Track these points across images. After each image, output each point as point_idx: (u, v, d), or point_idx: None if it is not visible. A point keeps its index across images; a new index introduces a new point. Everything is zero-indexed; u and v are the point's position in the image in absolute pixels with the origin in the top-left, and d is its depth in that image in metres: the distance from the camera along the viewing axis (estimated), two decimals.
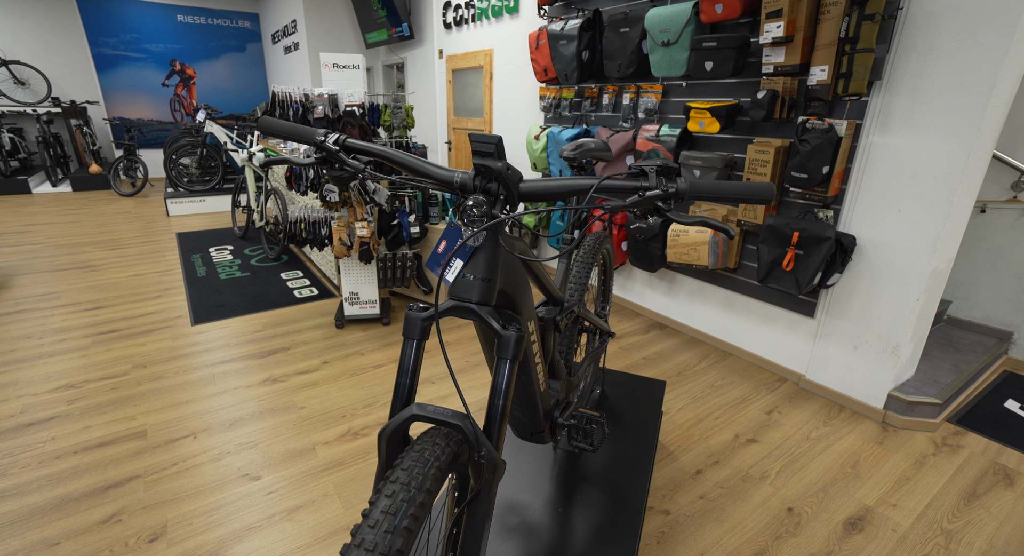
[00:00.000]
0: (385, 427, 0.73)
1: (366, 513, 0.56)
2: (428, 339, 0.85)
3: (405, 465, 0.61)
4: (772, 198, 0.72)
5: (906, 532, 1.65)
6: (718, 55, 2.17)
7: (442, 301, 1.11)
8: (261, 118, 0.94)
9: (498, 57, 4.05)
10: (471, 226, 0.70)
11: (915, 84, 1.85)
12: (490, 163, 0.70)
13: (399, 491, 0.57)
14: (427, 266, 0.82)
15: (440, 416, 0.70)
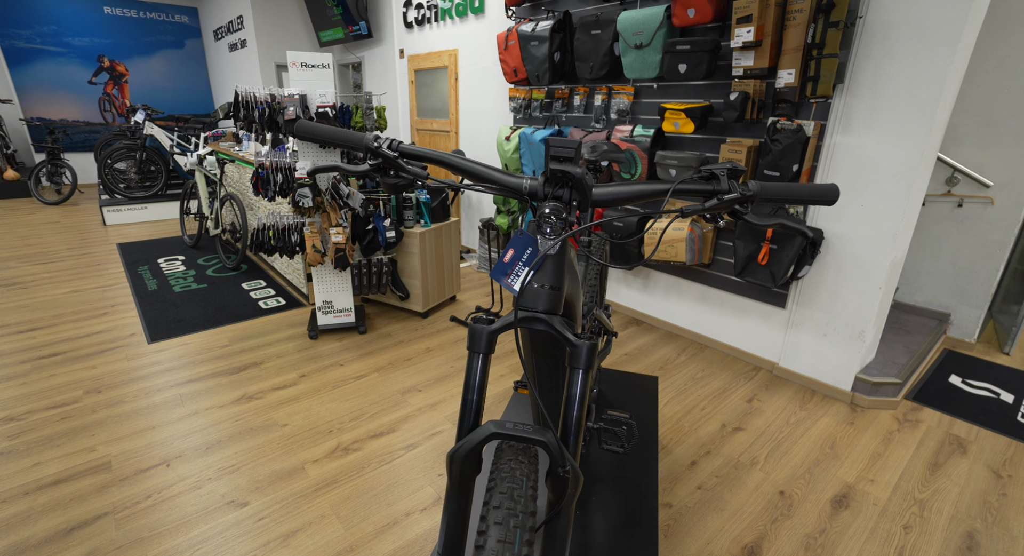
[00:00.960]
0: (458, 447, 0.68)
1: (480, 544, 0.53)
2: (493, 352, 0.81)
3: (503, 488, 0.58)
4: (837, 198, 0.74)
5: (885, 505, 1.76)
6: (692, 58, 2.25)
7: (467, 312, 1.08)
8: (298, 123, 0.88)
9: (464, 57, 4.00)
10: (549, 234, 0.68)
11: (873, 88, 1.98)
12: (570, 169, 0.68)
13: (507, 518, 0.54)
14: (492, 276, 0.78)
15: (523, 432, 0.67)
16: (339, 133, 0.85)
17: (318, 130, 0.86)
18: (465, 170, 0.79)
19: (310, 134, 0.85)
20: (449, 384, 2.46)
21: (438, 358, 2.71)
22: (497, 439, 0.66)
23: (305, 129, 0.87)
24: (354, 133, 0.86)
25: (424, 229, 2.95)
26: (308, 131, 0.87)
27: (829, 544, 1.59)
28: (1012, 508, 1.77)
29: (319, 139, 0.85)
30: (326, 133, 0.85)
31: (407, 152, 0.82)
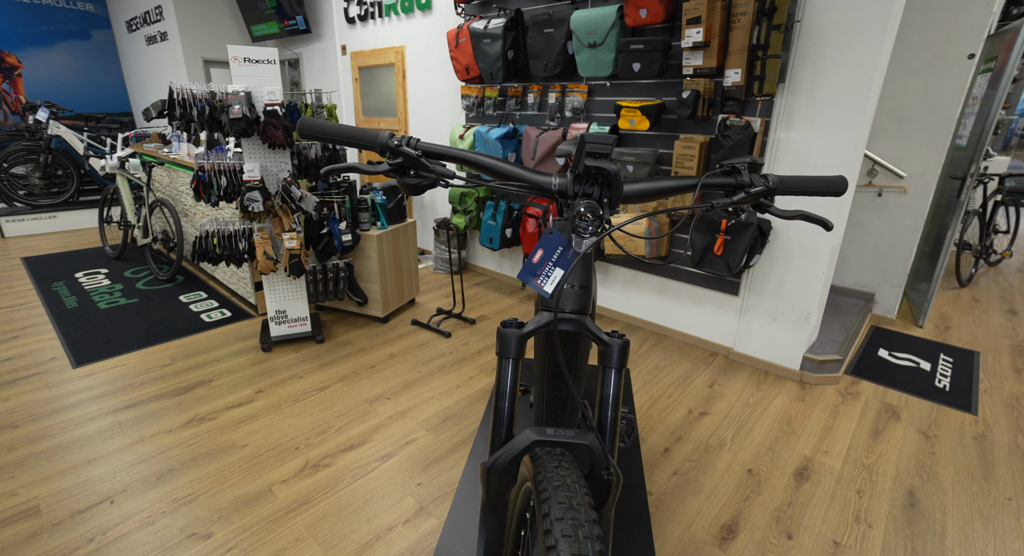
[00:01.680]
0: (495, 459, 0.65)
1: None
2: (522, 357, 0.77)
3: (560, 498, 0.55)
4: (846, 189, 0.77)
5: (839, 473, 1.91)
6: (645, 57, 2.31)
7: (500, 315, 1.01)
8: (303, 120, 0.81)
9: (411, 54, 3.91)
10: (583, 233, 0.66)
11: (811, 87, 2.13)
12: (606, 165, 0.67)
13: (575, 529, 0.52)
14: (520, 278, 0.75)
15: (566, 438, 0.65)
16: (350, 131, 0.79)
17: (326, 128, 0.80)
18: (491, 168, 0.76)
19: (317, 132, 0.79)
20: (418, 390, 2.40)
21: (403, 363, 2.63)
22: (539, 447, 0.64)
23: (311, 127, 0.80)
24: (367, 130, 0.81)
25: (381, 231, 2.86)
26: (314, 129, 0.80)
27: (796, 515, 1.70)
28: (940, 464, 1.97)
29: (328, 138, 0.79)
30: (335, 131, 0.79)
31: (429, 150, 0.78)
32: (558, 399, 0.95)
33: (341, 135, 0.79)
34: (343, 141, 0.80)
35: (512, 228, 3.35)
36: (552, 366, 0.89)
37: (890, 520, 1.69)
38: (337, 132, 0.79)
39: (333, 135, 0.79)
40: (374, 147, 0.79)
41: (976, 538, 1.63)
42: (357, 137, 0.79)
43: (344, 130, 0.79)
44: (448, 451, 1.97)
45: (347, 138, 0.79)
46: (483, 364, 2.64)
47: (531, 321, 0.73)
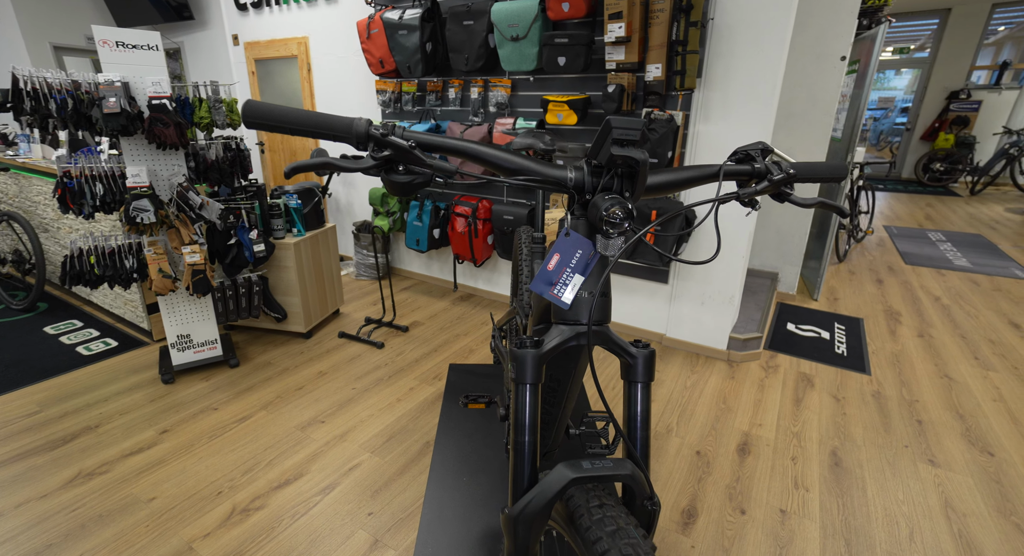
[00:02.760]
0: (525, 505, 0.55)
1: None
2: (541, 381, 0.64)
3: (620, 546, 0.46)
4: (846, 175, 0.76)
5: (774, 443, 2.04)
6: (571, 51, 2.31)
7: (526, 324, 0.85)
8: (249, 103, 0.64)
9: (316, 46, 3.61)
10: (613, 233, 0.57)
11: (724, 82, 2.25)
12: (635, 154, 0.58)
13: None
14: (532, 289, 0.64)
15: (605, 470, 0.56)
16: (315, 118, 0.64)
17: (282, 114, 0.64)
18: (496, 161, 0.65)
19: (269, 120, 0.64)
20: (355, 409, 2.21)
21: (335, 381, 2.42)
22: (576, 485, 0.56)
23: (260, 113, 0.64)
24: (338, 117, 0.66)
25: (298, 239, 2.60)
26: (265, 116, 0.64)
27: (745, 490, 1.79)
28: (851, 423, 2.19)
29: (283, 126, 0.64)
30: (293, 118, 0.64)
31: (422, 141, 0.66)
32: (550, 416, 0.88)
33: (302, 123, 0.64)
34: (305, 130, 0.65)
35: (440, 228, 3.22)
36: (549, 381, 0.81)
37: (822, 482, 1.84)
38: (297, 119, 0.64)
39: (291, 123, 0.64)
40: (348, 137, 0.65)
41: (888, 485, 1.82)
42: (325, 125, 0.65)
43: (306, 116, 0.65)
44: (398, 472, 1.82)
45: (311, 126, 0.65)
46: (423, 374, 2.50)
47: (549, 337, 0.63)
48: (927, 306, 3.53)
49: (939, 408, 2.30)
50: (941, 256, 4.84)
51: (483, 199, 3.02)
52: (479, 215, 2.99)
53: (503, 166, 0.65)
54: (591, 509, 0.52)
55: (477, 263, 3.14)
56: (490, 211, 3.01)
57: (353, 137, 0.65)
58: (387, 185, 0.67)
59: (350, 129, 0.64)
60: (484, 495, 1.35)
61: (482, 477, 1.42)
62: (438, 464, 1.47)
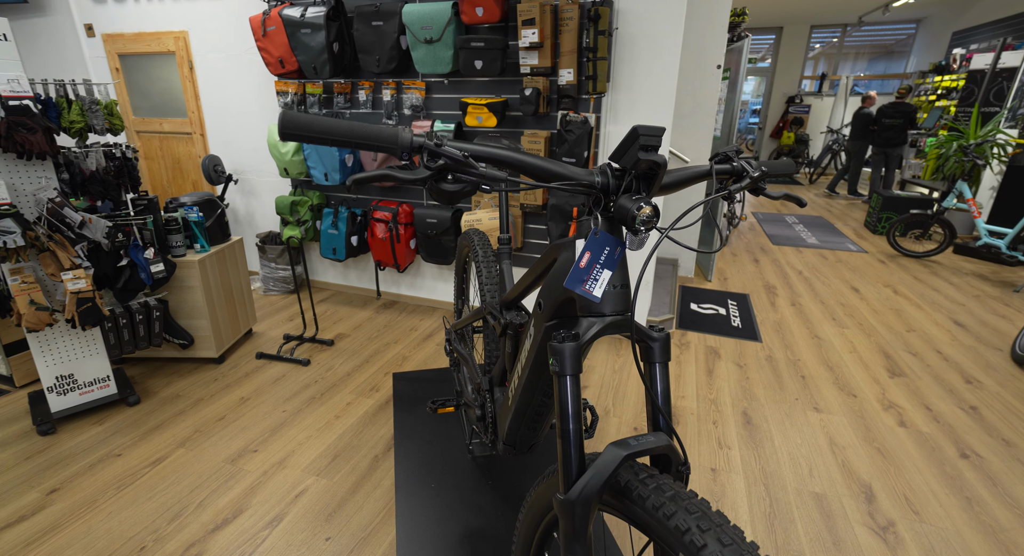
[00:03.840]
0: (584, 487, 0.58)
1: None
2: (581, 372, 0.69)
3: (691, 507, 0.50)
4: (796, 171, 0.88)
5: (697, 412, 2.28)
6: (487, 55, 2.35)
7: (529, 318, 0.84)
8: (287, 114, 0.57)
9: (199, 42, 3.26)
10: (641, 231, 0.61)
11: (630, 86, 2.45)
12: (657, 158, 0.62)
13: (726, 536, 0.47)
14: (567, 285, 0.66)
15: (651, 444, 0.61)
16: (360, 129, 0.61)
17: (323, 126, 0.60)
18: (532, 168, 0.67)
19: (310, 131, 0.60)
20: (290, 432, 2.06)
21: (261, 406, 2.23)
22: (631, 459, 0.60)
23: (300, 125, 0.59)
24: (384, 127, 0.63)
25: (202, 255, 2.35)
26: (306, 127, 0.59)
27: None
28: (754, 385, 2.52)
29: (326, 138, 0.61)
30: (335, 130, 0.60)
31: (472, 152, 0.66)
32: (545, 407, 0.91)
33: (345, 134, 0.62)
34: (348, 141, 0.62)
35: (358, 235, 3.10)
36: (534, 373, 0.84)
37: (739, 439, 2.10)
38: (339, 130, 0.62)
39: (334, 134, 0.62)
40: (393, 148, 0.63)
41: (788, 434, 2.14)
42: (370, 135, 0.63)
43: (348, 127, 0.62)
44: (350, 491, 1.75)
45: (354, 136, 0.62)
46: (358, 387, 2.40)
47: (583, 329, 0.67)
48: (794, 279, 4.14)
49: (815, 363, 2.73)
50: (797, 236, 5.69)
51: (403, 203, 2.96)
52: (400, 220, 2.93)
53: (539, 172, 0.68)
54: (643, 481, 0.57)
55: (400, 269, 3.07)
56: (411, 215, 2.97)
57: (399, 147, 0.63)
58: (435, 194, 0.67)
59: (396, 140, 0.63)
60: (456, 498, 1.35)
61: (451, 480, 1.43)
62: (403, 475, 1.44)
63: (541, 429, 0.99)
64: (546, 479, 0.73)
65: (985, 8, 8.93)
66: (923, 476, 1.90)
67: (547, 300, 0.75)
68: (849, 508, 1.74)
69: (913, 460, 1.98)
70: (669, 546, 0.49)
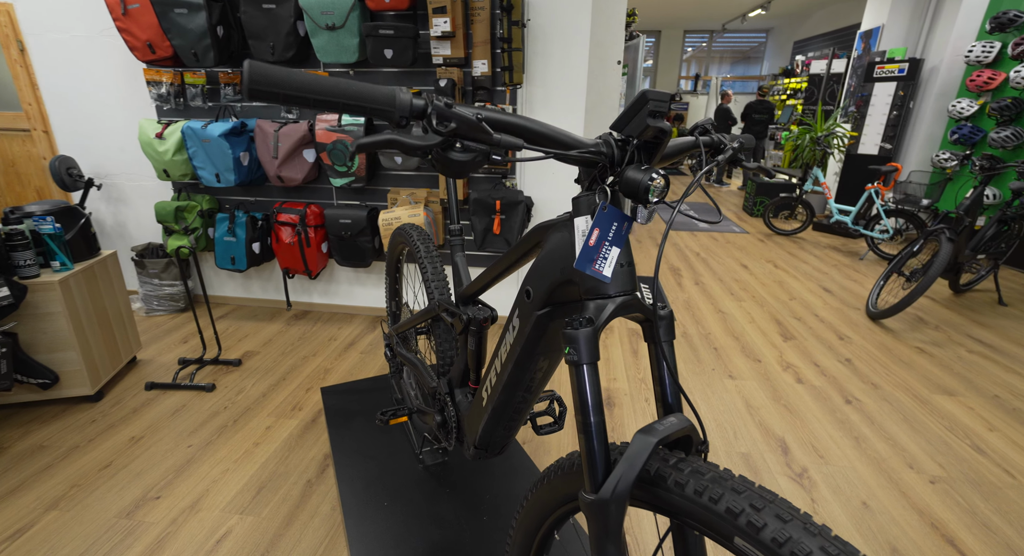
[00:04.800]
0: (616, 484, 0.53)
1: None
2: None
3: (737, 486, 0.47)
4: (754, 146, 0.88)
5: (630, 392, 2.38)
6: (398, 44, 2.23)
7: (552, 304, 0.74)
8: (254, 65, 0.42)
9: (29, 18, 2.71)
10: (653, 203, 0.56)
11: (543, 78, 2.48)
12: (663, 125, 0.57)
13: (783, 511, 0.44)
14: (578, 267, 0.59)
15: (677, 427, 0.57)
16: (344, 87, 0.50)
17: (301, 82, 0.47)
18: (543, 137, 0.59)
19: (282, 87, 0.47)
20: (201, 469, 1.80)
21: (159, 444, 1.93)
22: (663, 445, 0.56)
23: (270, 79, 0.46)
24: (379, 87, 0.52)
25: (64, 274, 1.96)
26: (279, 83, 0.46)
27: (622, 435, 2.05)
28: (676, 361, 2.69)
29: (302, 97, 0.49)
30: (318, 87, 0.48)
31: (485, 117, 0.57)
32: (525, 404, 0.86)
33: (330, 93, 0.50)
34: (332, 101, 0.50)
35: (261, 242, 2.80)
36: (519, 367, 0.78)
37: None
38: (322, 89, 0.50)
39: (315, 92, 0.50)
40: (390, 111, 0.53)
41: (711, 402, 2.31)
42: (362, 96, 0.52)
43: (334, 85, 0.51)
44: (283, 524, 1.57)
45: (342, 96, 0.51)
46: (277, 408, 2.17)
47: (595, 313, 0.61)
48: (693, 261, 4.51)
49: (723, 335, 2.99)
50: (690, 221, 6.22)
51: (311, 204, 2.73)
52: (309, 222, 2.69)
53: (551, 142, 0.61)
54: (676, 466, 0.54)
55: (313, 275, 2.83)
56: (322, 216, 2.75)
57: (396, 111, 0.53)
58: (442, 165, 0.58)
59: (393, 101, 0.53)
60: (413, 513, 1.26)
61: (404, 495, 1.33)
62: (349, 497, 1.31)
63: (517, 428, 0.95)
64: (548, 480, 0.69)
65: (816, 22, 10.45)
66: (822, 424, 2.15)
67: (538, 286, 0.70)
68: (771, 462, 1.92)
69: (812, 412, 2.24)
70: (719, 531, 0.46)
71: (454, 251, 1.22)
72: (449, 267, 2.96)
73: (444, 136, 0.54)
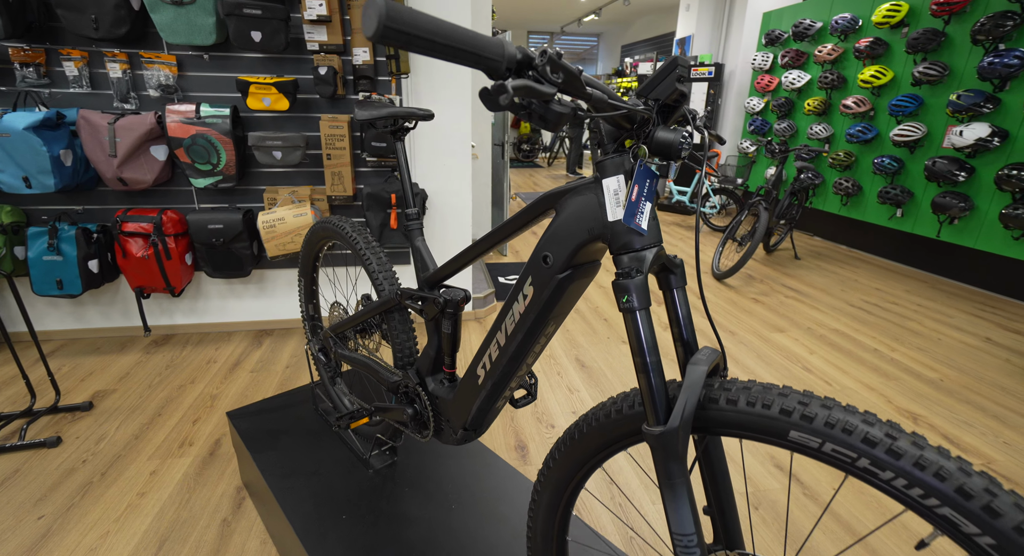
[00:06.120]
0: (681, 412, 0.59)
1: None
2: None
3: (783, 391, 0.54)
4: None
5: (543, 368, 2.52)
6: (267, 26, 2.01)
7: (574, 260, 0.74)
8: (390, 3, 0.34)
9: None
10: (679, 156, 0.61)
11: (428, 68, 2.45)
12: (686, 88, 0.61)
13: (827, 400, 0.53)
14: (625, 221, 0.63)
15: (714, 357, 0.63)
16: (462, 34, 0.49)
17: (431, 25, 0.46)
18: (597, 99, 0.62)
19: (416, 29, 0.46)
20: (68, 539, 1.48)
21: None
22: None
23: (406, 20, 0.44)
24: (486, 36, 0.48)
25: None
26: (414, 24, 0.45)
27: (544, 411, 2.18)
28: (574, 335, 2.91)
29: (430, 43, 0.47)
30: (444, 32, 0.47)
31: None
32: (522, 372, 0.87)
33: (453, 39, 0.49)
34: (453, 49, 0.49)
35: (99, 258, 2.32)
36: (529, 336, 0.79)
37: (582, 381, 2.42)
38: (448, 34, 0.49)
39: (442, 37, 0.48)
40: (498, 63, 0.52)
41: (613, 365, 2.56)
42: (477, 45, 0.50)
43: (453, 31, 0.49)
44: None
45: (460, 43, 0.49)
46: (159, 448, 1.86)
47: (637, 264, 0.64)
48: None
49: (607, 307, 3.32)
50: None
51: (167, 210, 2.34)
52: (168, 230, 2.31)
53: (603, 103, 0.62)
54: (723, 388, 0.60)
55: (177, 292, 2.44)
56: (184, 223, 2.37)
57: (504, 61, 0.53)
58: (539, 118, 0.56)
59: (502, 52, 0.53)
60: (377, 518, 1.20)
61: (362, 504, 1.25)
62: (300, 522, 1.19)
63: (505, 402, 0.97)
64: (583, 432, 0.73)
65: (639, 29, 11.89)
66: None
67: (560, 251, 0.72)
68: None
69: None
70: (774, 432, 0.54)
71: (413, 237, 1.18)
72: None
73: (559, 86, 0.56)
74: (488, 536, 1.18)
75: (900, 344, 2.85)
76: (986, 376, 2.50)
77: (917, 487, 0.45)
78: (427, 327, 1.09)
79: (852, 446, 0.48)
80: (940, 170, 3.72)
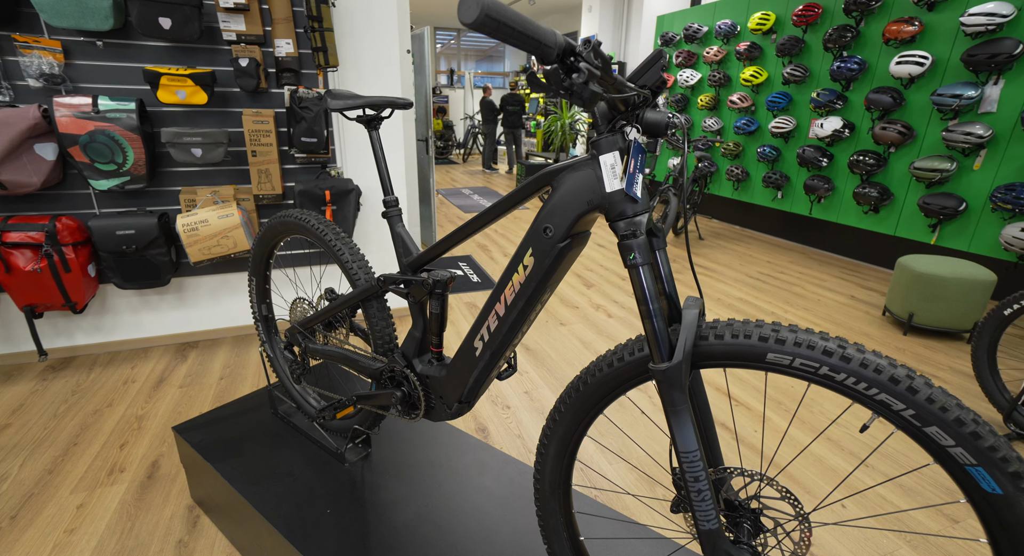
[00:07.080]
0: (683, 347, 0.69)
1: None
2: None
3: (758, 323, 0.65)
4: None
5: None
6: (178, 12, 1.86)
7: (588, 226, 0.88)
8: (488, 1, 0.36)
9: None
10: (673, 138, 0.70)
11: (355, 60, 2.40)
12: (665, 78, 0.69)
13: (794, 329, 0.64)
14: (627, 189, 0.71)
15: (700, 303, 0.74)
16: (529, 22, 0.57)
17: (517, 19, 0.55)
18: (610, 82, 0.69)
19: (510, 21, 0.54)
20: None
21: None
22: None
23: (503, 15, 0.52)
24: (543, 26, 0.57)
25: None
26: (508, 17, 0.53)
27: (494, 392, 2.26)
28: None
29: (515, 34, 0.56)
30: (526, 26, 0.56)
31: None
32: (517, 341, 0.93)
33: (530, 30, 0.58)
34: (528, 38, 0.57)
35: None
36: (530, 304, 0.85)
37: (529, 363, 2.53)
38: (527, 27, 0.58)
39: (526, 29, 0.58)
40: (549, 51, 0.59)
41: (556, 346, 2.71)
42: (537, 32, 0.58)
43: (526, 23, 0.57)
44: None
45: (528, 30, 0.57)
46: (83, 480, 1.68)
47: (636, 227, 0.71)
48: (495, 236, 4.98)
49: None
50: (477, 204, 6.75)
51: (61, 216, 2.08)
52: (64, 239, 2.05)
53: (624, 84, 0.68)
54: (711, 327, 0.71)
55: (79, 308, 2.18)
56: (85, 230, 2.12)
57: (555, 48, 0.60)
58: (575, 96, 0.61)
59: (556, 39, 0.60)
60: (364, 508, 1.21)
61: (344, 497, 1.24)
62: (285, 526, 1.15)
63: (495, 374, 1.03)
64: (592, 377, 0.81)
65: None
66: None
67: (561, 222, 0.79)
68: None
69: (626, 335, 2.85)
70: (754, 357, 0.66)
71: (394, 223, 1.19)
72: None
73: (600, 70, 0.63)
74: (474, 506, 1.24)
75: (791, 306, 3.31)
76: (855, 326, 3.00)
77: (863, 382, 0.60)
78: (411, 310, 1.12)
79: (815, 358, 0.62)
80: (808, 157, 4.34)
